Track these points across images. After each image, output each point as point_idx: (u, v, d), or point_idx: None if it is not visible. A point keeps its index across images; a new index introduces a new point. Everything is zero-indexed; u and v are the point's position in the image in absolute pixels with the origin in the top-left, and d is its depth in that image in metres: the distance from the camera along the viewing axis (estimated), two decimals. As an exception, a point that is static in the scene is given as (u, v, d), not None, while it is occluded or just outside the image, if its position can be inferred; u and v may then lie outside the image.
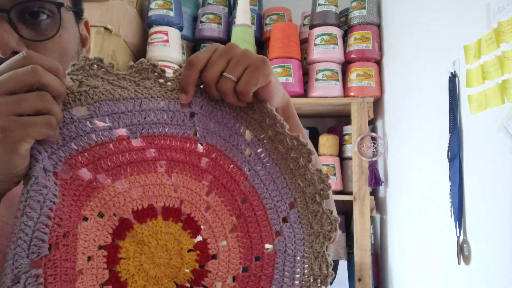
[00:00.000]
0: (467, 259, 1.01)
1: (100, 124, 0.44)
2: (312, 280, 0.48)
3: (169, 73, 0.46)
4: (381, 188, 1.81)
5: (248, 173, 0.49)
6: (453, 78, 1.07)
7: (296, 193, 0.50)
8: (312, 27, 1.90)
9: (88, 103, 0.43)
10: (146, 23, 1.94)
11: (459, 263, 1.03)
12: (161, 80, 0.47)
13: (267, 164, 0.50)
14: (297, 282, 0.48)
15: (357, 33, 1.83)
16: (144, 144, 0.46)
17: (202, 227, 0.47)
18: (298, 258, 0.49)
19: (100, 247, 0.43)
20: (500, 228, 0.87)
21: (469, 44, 0.98)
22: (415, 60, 1.41)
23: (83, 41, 0.62)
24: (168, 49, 1.83)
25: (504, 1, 0.84)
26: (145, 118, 0.46)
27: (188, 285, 0.46)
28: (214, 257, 0.47)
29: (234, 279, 0.48)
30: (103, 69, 0.44)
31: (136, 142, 0.46)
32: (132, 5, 1.83)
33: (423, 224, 1.31)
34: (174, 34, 1.86)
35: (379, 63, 1.86)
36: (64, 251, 0.40)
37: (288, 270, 0.49)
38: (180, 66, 0.48)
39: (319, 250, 0.49)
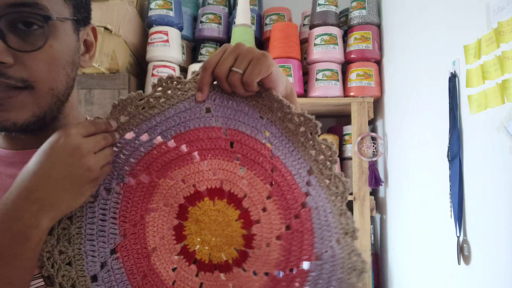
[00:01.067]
0: (467, 259, 1.01)
1: (144, 138, 0.57)
2: (345, 234, 0.56)
3: (169, 73, 0.51)
4: (381, 188, 1.81)
5: (270, 147, 0.58)
6: (453, 78, 1.07)
7: (310, 162, 0.58)
8: (312, 27, 1.90)
9: (132, 129, 0.57)
10: (146, 23, 1.94)
11: (459, 263, 1.03)
12: (179, 86, 0.58)
13: (282, 141, 0.59)
14: (335, 235, 0.56)
15: (357, 33, 1.83)
16: (177, 143, 0.57)
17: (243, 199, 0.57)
18: (328, 212, 0.57)
19: (169, 229, 0.56)
20: (500, 228, 0.87)
21: (469, 44, 0.98)
22: (415, 60, 1.41)
23: (88, 47, 0.62)
24: (168, 49, 1.83)
25: (504, 1, 0.84)
26: (171, 123, 0.57)
27: (243, 248, 0.56)
28: (258, 222, 0.56)
29: (279, 238, 0.56)
30: (135, 104, 0.57)
31: (171, 144, 0.57)
32: (132, 5, 1.83)
33: (423, 224, 1.31)
34: (174, 34, 1.86)
35: (379, 63, 1.86)
36: (132, 238, 0.55)
37: (323, 223, 0.56)
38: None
39: (341, 208, 0.57)
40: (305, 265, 0.56)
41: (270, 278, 0.56)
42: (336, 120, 2.15)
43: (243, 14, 1.88)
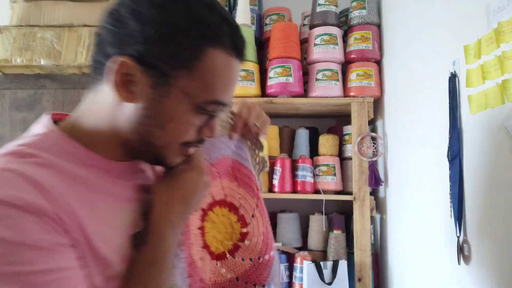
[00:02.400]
0: (467, 259, 1.01)
1: None
2: None
3: None
4: (381, 188, 1.81)
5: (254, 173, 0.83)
6: (453, 78, 1.07)
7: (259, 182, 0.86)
8: (312, 27, 1.90)
9: None
10: (146, 23, 1.93)
11: (459, 263, 1.03)
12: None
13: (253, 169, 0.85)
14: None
15: (357, 33, 1.83)
16: (212, 164, 0.78)
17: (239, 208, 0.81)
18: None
19: (196, 228, 0.76)
20: (500, 228, 0.87)
21: (469, 44, 0.98)
22: (415, 60, 1.41)
23: None
24: (168, 49, 1.83)
25: (504, 1, 0.84)
26: (214, 151, 0.79)
27: (237, 242, 0.79)
28: (249, 224, 0.80)
29: (262, 235, 0.81)
30: None
31: (211, 165, 0.78)
32: (132, 5, 1.83)
33: (423, 224, 1.31)
34: (174, 34, 1.86)
35: (379, 63, 1.86)
36: (185, 234, 0.72)
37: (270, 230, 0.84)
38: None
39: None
40: (272, 253, 0.81)
41: (253, 263, 0.79)
42: (336, 120, 2.15)
43: (243, 14, 1.88)
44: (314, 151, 1.90)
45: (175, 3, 0.55)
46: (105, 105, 0.59)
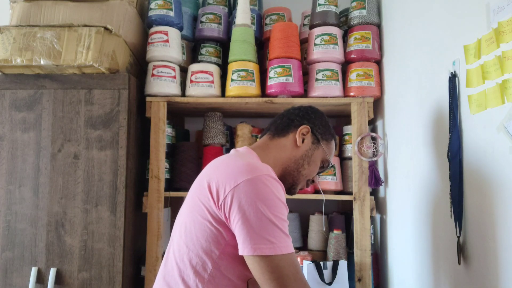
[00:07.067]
0: (467, 259, 1.01)
1: None
2: None
3: (169, 72, 0.52)
4: (381, 188, 1.81)
5: None
6: (453, 78, 1.07)
7: None
8: (312, 27, 1.90)
9: None
10: (146, 23, 1.94)
11: (459, 263, 1.03)
12: None
13: None
14: None
15: (357, 33, 1.83)
16: None
17: None
18: None
19: None
20: (500, 228, 0.87)
21: (469, 44, 0.98)
22: (415, 60, 1.41)
23: None
24: (168, 49, 1.83)
25: (504, 1, 0.84)
26: None
27: None
28: None
29: None
30: None
31: None
32: (132, 5, 1.83)
33: (423, 224, 1.31)
34: (174, 34, 1.86)
35: (379, 63, 1.85)
36: None
37: None
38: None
39: None
40: None
41: None
42: (336, 120, 2.15)
43: (243, 14, 1.88)
44: (314, 151, 1.90)
45: (323, 116, 1.16)
46: (286, 146, 1.08)
